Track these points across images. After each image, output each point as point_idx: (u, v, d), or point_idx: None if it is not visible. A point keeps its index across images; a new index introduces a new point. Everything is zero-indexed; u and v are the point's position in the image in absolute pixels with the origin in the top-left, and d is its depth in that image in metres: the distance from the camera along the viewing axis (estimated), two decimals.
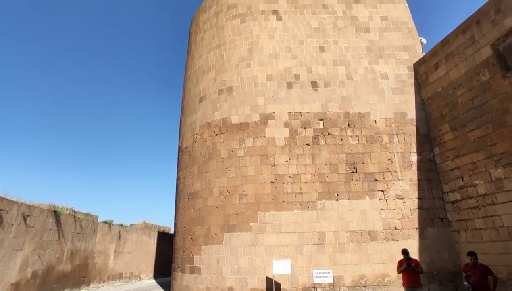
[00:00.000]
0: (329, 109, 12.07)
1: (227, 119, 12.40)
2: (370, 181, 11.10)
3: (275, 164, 11.36)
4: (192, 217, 12.05)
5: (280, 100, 12.22)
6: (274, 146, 11.60)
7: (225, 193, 11.43)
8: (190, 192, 12.54)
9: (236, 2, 14.66)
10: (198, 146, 12.89)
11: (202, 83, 13.86)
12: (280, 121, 11.92)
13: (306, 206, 10.83)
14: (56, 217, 12.29)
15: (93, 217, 15.96)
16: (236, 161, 11.66)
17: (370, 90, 12.36)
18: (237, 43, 13.61)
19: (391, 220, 10.61)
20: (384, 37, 13.43)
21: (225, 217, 11.14)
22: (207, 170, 12.12)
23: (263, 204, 10.96)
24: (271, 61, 12.90)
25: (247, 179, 11.32)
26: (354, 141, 11.62)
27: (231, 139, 12.00)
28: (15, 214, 9.87)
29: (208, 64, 14.02)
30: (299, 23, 13.71)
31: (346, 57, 12.96)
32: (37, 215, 11.06)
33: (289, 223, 10.65)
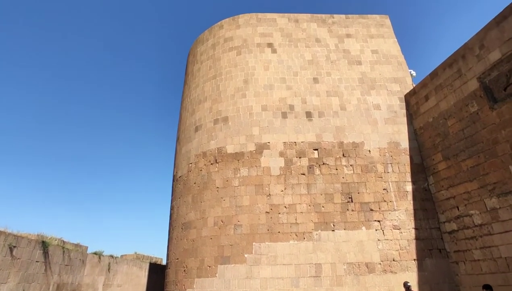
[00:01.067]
0: (323, 139, 12.22)
1: (223, 148, 12.45)
2: (366, 210, 11.03)
3: (271, 194, 11.29)
4: (186, 248, 11.73)
5: (275, 130, 12.37)
6: (270, 176, 11.58)
7: (219, 223, 11.23)
8: (184, 222, 12.30)
9: (232, 35, 15.23)
10: (193, 175, 12.82)
11: (198, 113, 14.05)
12: (275, 151, 12.00)
13: (302, 237, 10.65)
14: (44, 248, 11.89)
15: (82, 248, 15.45)
16: (231, 190, 11.57)
17: (364, 120, 12.61)
18: (233, 74, 13.97)
19: (389, 251, 10.43)
20: (376, 69, 13.91)
21: (220, 248, 10.87)
22: (202, 200, 11.98)
23: (258, 234, 10.75)
24: (266, 92, 13.21)
25: (242, 209, 11.18)
26: (349, 171, 11.67)
27: (226, 169, 11.99)
28: (1, 245, 9.56)
29: (205, 94, 14.29)
30: (293, 56, 14.20)
31: (339, 88, 13.32)
32: (24, 246, 10.71)
33: (285, 255, 10.41)
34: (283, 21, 15.24)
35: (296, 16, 15.44)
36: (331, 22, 15.31)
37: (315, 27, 15.12)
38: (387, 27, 15.34)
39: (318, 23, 15.26)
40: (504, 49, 9.01)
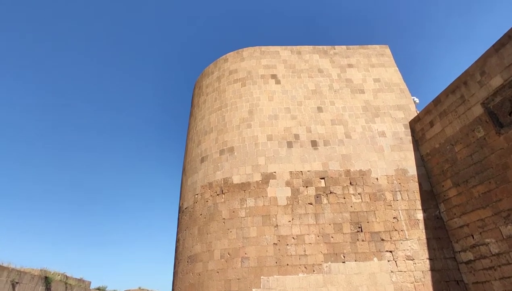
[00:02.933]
0: (330, 167, 12.14)
1: (229, 179, 12.41)
2: (376, 240, 10.69)
3: (278, 225, 11.06)
4: (191, 282, 11.35)
5: (281, 160, 12.36)
6: (276, 206, 11.42)
7: (226, 256, 10.94)
8: (190, 254, 12.00)
9: (237, 67, 15.69)
10: (199, 206, 12.69)
11: (204, 144, 14.17)
12: (282, 180, 11.92)
13: (312, 269, 10.27)
14: (46, 283, 11.63)
15: (85, 283, 15.07)
16: (238, 221, 11.38)
17: (369, 147, 12.57)
18: (238, 105, 14.23)
19: (403, 284, 9.97)
20: (379, 97, 14.07)
21: (226, 283, 10.50)
22: (208, 231, 11.76)
23: (266, 267, 10.41)
24: (271, 121, 13.35)
25: (249, 240, 10.93)
26: (357, 199, 11.47)
27: (232, 200, 11.86)
28: (4, 281, 9.36)
29: (210, 125, 14.49)
30: (297, 86, 14.49)
31: (343, 117, 13.43)
32: (27, 282, 10.48)
33: (294, 289, 10.00)
34: (286, 53, 15.73)
35: (298, 48, 15.95)
36: (332, 53, 15.75)
37: (317, 58, 15.55)
38: (388, 56, 15.72)
39: (320, 54, 15.70)
40: (505, 75, 9.11)
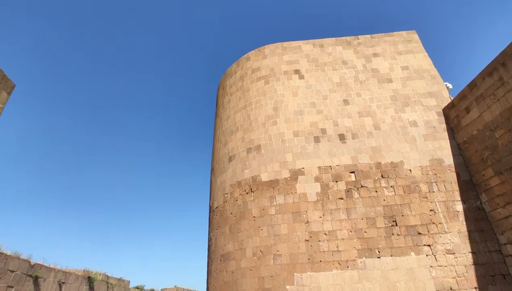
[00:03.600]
0: (359, 161, 11.84)
1: (257, 177, 12.45)
2: (413, 234, 10.29)
3: (309, 221, 10.95)
4: (225, 280, 11.53)
5: (308, 155, 12.22)
6: (306, 202, 11.30)
7: (258, 254, 10.99)
8: (223, 253, 12.18)
9: (259, 65, 15.67)
10: (229, 205, 12.84)
11: (231, 143, 14.30)
12: (311, 176, 11.77)
13: (346, 265, 10.08)
14: (90, 283, 12.25)
15: (125, 282, 15.73)
16: (268, 219, 11.39)
17: (400, 138, 12.11)
18: (263, 103, 14.22)
19: (444, 279, 9.53)
20: (408, 86, 13.51)
21: (260, 280, 10.55)
22: (239, 230, 11.87)
23: (299, 264, 10.35)
24: (296, 117, 13.23)
25: (280, 237, 10.91)
26: (390, 192, 11.09)
27: (261, 197, 11.89)
28: (52, 282, 9.95)
29: (236, 124, 14.60)
30: (321, 80, 14.24)
31: (371, 108, 13.03)
32: (72, 282, 11.10)
33: (329, 285, 9.86)
34: (308, 48, 15.49)
35: (320, 41, 15.65)
36: (356, 44, 15.31)
37: (340, 50, 15.18)
38: (416, 42, 15.03)
39: (343, 45, 15.32)
40: None
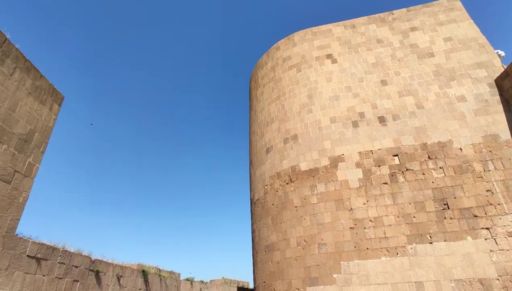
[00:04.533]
0: (403, 143, 11.25)
1: (296, 166, 12.34)
2: (468, 217, 9.62)
3: (352, 208, 10.67)
4: (271, 270, 11.66)
5: (348, 141, 11.85)
6: (349, 189, 11.01)
7: (302, 243, 10.95)
8: (267, 244, 12.31)
9: (290, 54, 15.41)
10: (269, 196, 12.90)
11: (267, 135, 14.29)
12: (351, 162, 11.43)
13: (395, 252, 9.71)
14: (144, 276, 13.00)
15: (176, 275, 16.52)
16: (310, 208, 11.27)
17: (447, 116, 11.30)
18: (296, 92, 13.99)
19: (507, 264, 8.82)
20: (452, 58, 12.51)
21: (306, 269, 10.53)
22: (282, 220, 11.90)
23: (345, 252, 10.16)
24: (332, 103, 12.86)
25: (324, 226, 10.77)
26: (439, 174, 10.44)
27: (302, 187, 11.79)
28: (111, 275, 10.68)
29: (271, 115, 14.54)
30: (355, 62, 13.66)
31: (412, 87, 12.28)
32: (128, 275, 11.84)
33: (378, 273, 9.58)
34: (339, 30, 14.92)
35: (352, 21, 14.98)
36: (391, 19, 14.44)
37: (374, 28, 14.42)
38: (458, 9, 13.82)
39: (376, 23, 14.53)
40: None
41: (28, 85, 7.53)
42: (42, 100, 7.98)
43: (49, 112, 8.23)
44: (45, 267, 7.66)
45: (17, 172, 7.04)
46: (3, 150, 6.70)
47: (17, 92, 7.20)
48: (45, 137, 8.03)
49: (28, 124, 7.46)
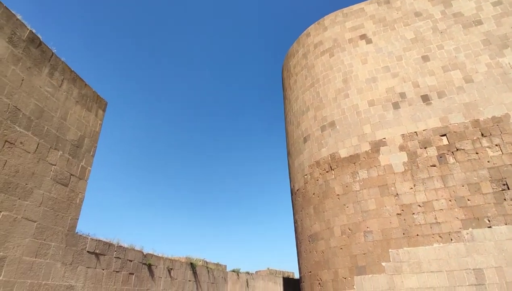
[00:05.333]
0: (451, 121, 10.46)
1: (335, 154, 12.02)
2: None
3: (398, 193, 10.19)
4: (316, 260, 11.56)
5: (389, 124, 11.28)
6: (393, 174, 10.51)
7: (347, 232, 10.70)
8: (310, 234, 12.21)
9: (321, 39, 14.93)
10: (310, 186, 12.73)
11: (304, 124, 14.06)
12: (394, 146, 10.88)
13: (449, 238, 9.13)
14: (192, 268, 13.53)
15: (222, 266, 17.02)
16: (353, 195, 10.95)
17: (502, 88, 10.29)
18: (331, 77, 13.56)
19: None
20: (504, 24, 11.32)
21: (352, 258, 10.29)
22: (324, 209, 11.71)
23: (393, 240, 9.75)
24: (369, 86, 12.29)
25: (368, 213, 10.41)
26: (495, 152, 9.58)
27: (343, 174, 11.47)
28: (162, 268, 11.24)
29: (306, 104, 14.26)
30: (392, 40, 12.90)
31: (458, 59, 11.33)
32: (178, 268, 12.38)
33: (431, 260, 9.08)
34: (372, 8, 14.14)
35: None
36: None
37: (411, 1, 13.46)
38: None
39: None
40: None
41: (75, 94, 8.06)
42: (88, 107, 8.50)
43: (95, 118, 8.76)
44: (103, 261, 8.25)
45: (72, 175, 7.60)
46: (59, 156, 7.26)
47: (66, 102, 7.73)
48: (94, 142, 8.58)
49: (78, 130, 8.00)
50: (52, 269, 6.67)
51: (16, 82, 6.38)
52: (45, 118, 7.02)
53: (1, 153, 5.90)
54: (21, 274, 6.00)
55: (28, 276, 6.13)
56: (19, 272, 5.97)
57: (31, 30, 6.89)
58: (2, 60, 6.12)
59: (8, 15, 6.36)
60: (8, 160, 6.02)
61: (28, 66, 6.72)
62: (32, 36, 6.92)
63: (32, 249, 6.28)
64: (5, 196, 5.86)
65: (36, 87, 6.86)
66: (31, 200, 6.41)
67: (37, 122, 6.78)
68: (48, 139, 7.02)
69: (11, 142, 6.11)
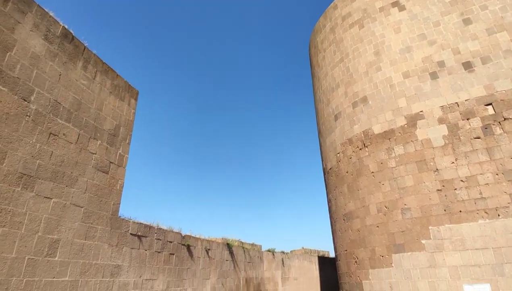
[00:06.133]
0: (497, 89, 9.62)
1: (368, 130, 11.60)
2: None
3: (438, 168, 9.68)
4: (352, 238, 11.45)
5: (426, 96, 10.61)
6: (432, 148, 9.97)
7: (383, 210, 10.43)
8: (345, 213, 12.07)
9: (349, 10, 14.18)
10: (343, 164, 12.47)
11: (334, 101, 13.65)
12: (432, 119, 10.26)
13: (496, 214, 8.59)
14: (229, 248, 13.96)
15: (257, 246, 17.41)
16: (389, 172, 10.58)
17: None
18: (361, 50, 12.92)
19: None
20: None
21: (390, 236, 10.06)
22: (358, 188, 11.46)
23: (433, 216, 9.36)
24: (404, 56, 11.56)
25: (406, 190, 10.04)
26: None
27: (377, 151, 11.08)
28: (200, 249, 11.70)
29: (335, 80, 13.78)
30: (427, 4, 11.93)
31: (505, 20, 10.27)
32: (215, 248, 12.84)
33: (475, 237, 8.64)
34: None
35: None
36: None
37: None
38: None
39: None
40: None
41: (108, 85, 8.36)
42: (121, 97, 8.81)
43: (128, 107, 9.07)
44: (145, 243, 8.74)
45: (111, 163, 8.01)
46: (98, 145, 7.65)
47: (101, 93, 8.06)
48: (129, 130, 8.93)
49: (113, 120, 8.35)
50: (100, 250, 7.18)
51: (55, 77, 6.73)
52: (83, 110, 7.38)
53: (47, 145, 6.32)
54: (74, 255, 6.52)
55: (80, 257, 6.66)
56: (72, 253, 6.49)
57: (64, 26, 7.16)
58: (41, 57, 6.45)
59: (42, 13, 6.64)
60: (54, 151, 6.44)
61: (64, 61, 7.03)
62: (65, 31, 7.20)
63: (81, 232, 6.78)
64: (54, 184, 6.32)
65: (72, 81, 7.19)
66: (77, 187, 6.86)
67: (76, 114, 7.15)
68: (87, 129, 7.40)
69: (55, 134, 6.52)
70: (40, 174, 6.04)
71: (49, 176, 6.23)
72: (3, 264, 5.18)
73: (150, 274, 8.68)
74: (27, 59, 6.14)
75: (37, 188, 5.96)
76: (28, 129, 5.97)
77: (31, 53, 6.24)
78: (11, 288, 5.23)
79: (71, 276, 6.36)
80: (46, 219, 6.04)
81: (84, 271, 6.67)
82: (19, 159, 5.69)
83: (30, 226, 5.72)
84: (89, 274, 6.78)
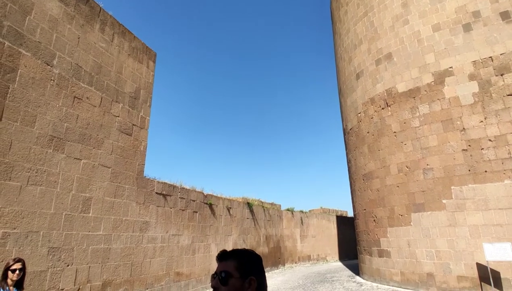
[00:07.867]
0: None
1: (392, 89, 11.14)
2: None
3: (465, 128, 9.31)
4: (371, 198, 11.54)
5: (457, 50, 9.92)
6: (459, 107, 9.52)
7: (404, 170, 10.33)
8: (364, 173, 12.05)
9: None
10: (364, 124, 12.22)
11: (356, 59, 13.04)
12: (462, 75, 9.67)
13: None
14: (249, 207, 14.48)
15: (277, 206, 17.94)
16: (412, 132, 10.30)
17: None
18: (387, 2, 12.01)
19: None
20: None
21: (410, 196, 10.06)
22: (379, 148, 11.30)
23: (457, 177, 9.19)
24: (434, 7, 10.67)
25: (429, 150, 9.81)
26: None
27: (400, 110, 10.71)
28: (222, 207, 12.20)
29: (358, 36, 13.05)
30: None
31: None
32: (236, 207, 13.34)
33: (499, 197, 8.48)
34: None
35: None
36: None
37: None
38: None
39: None
40: None
41: (126, 48, 8.32)
42: (140, 59, 8.79)
43: (147, 70, 9.07)
44: (170, 201, 9.18)
45: (134, 125, 8.22)
46: (120, 108, 7.82)
47: (120, 56, 8.06)
48: (149, 93, 9.01)
49: (133, 83, 8.42)
50: (129, 207, 7.64)
51: (74, 41, 6.75)
52: (104, 73, 7.46)
53: (73, 108, 6.52)
54: (105, 211, 6.98)
55: (111, 213, 7.12)
56: (104, 210, 6.95)
57: None
58: (59, 20, 6.44)
59: None
60: (80, 114, 6.65)
61: (81, 23, 6.99)
62: None
63: (110, 191, 7.19)
64: (83, 146, 6.61)
65: (91, 44, 7.20)
66: (103, 149, 7.15)
67: (97, 78, 7.25)
68: (109, 93, 7.53)
69: (79, 98, 6.69)
70: (68, 137, 6.31)
71: (77, 138, 6.50)
72: (43, 219, 5.63)
73: (176, 230, 9.23)
74: (46, 23, 6.15)
75: (67, 149, 6.26)
76: (54, 94, 6.14)
77: (49, 16, 6.23)
78: (53, 240, 5.73)
79: (105, 230, 6.87)
80: (78, 179, 6.41)
81: (116, 226, 7.17)
82: (48, 122, 5.93)
83: (64, 185, 6.11)
84: (121, 228, 7.29)
